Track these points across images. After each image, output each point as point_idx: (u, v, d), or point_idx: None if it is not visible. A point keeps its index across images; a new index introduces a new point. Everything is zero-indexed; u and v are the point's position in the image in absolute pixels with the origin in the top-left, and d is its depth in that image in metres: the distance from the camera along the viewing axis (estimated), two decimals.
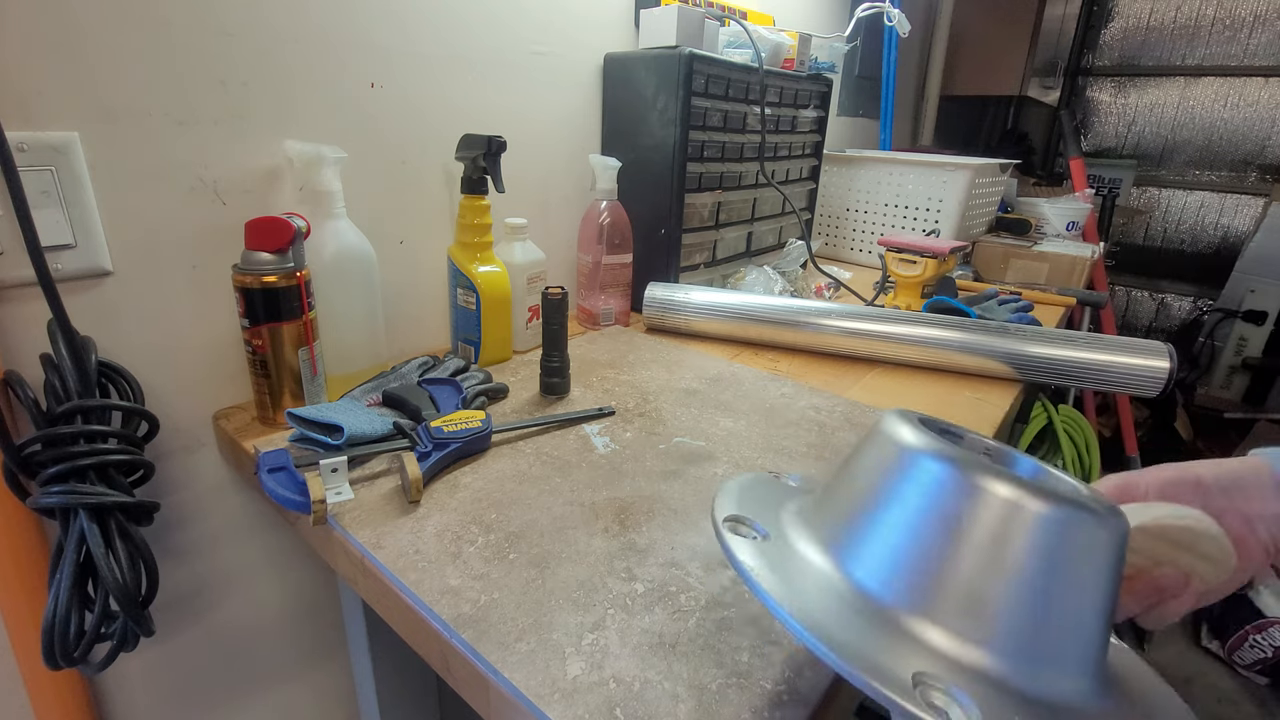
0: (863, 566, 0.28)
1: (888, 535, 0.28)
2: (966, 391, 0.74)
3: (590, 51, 0.88)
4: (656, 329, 0.89)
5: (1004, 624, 0.25)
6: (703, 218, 0.95)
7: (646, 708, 0.33)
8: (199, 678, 0.68)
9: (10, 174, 0.42)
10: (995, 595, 0.26)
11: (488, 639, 0.36)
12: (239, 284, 0.53)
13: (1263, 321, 2.36)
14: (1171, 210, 2.86)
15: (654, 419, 0.63)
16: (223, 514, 0.65)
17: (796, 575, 0.28)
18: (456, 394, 0.61)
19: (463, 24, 0.72)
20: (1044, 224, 1.54)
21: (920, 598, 0.26)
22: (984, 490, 0.26)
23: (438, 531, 0.45)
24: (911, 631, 0.26)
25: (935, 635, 0.26)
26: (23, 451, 0.45)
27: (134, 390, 0.53)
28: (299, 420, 0.52)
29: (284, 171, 0.61)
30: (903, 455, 0.29)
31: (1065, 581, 0.26)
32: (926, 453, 0.28)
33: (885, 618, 0.26)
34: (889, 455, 0.30)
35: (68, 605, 0.46)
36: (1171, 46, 2.70)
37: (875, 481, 0.30)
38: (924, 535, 0.27)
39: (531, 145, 0.84)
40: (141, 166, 0.53)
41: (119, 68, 0.50)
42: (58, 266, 0.50)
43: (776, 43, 0.98)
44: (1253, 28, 2.53)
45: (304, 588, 0.75)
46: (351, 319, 0.64)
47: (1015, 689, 0.24)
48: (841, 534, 0.29)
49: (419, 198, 0.74)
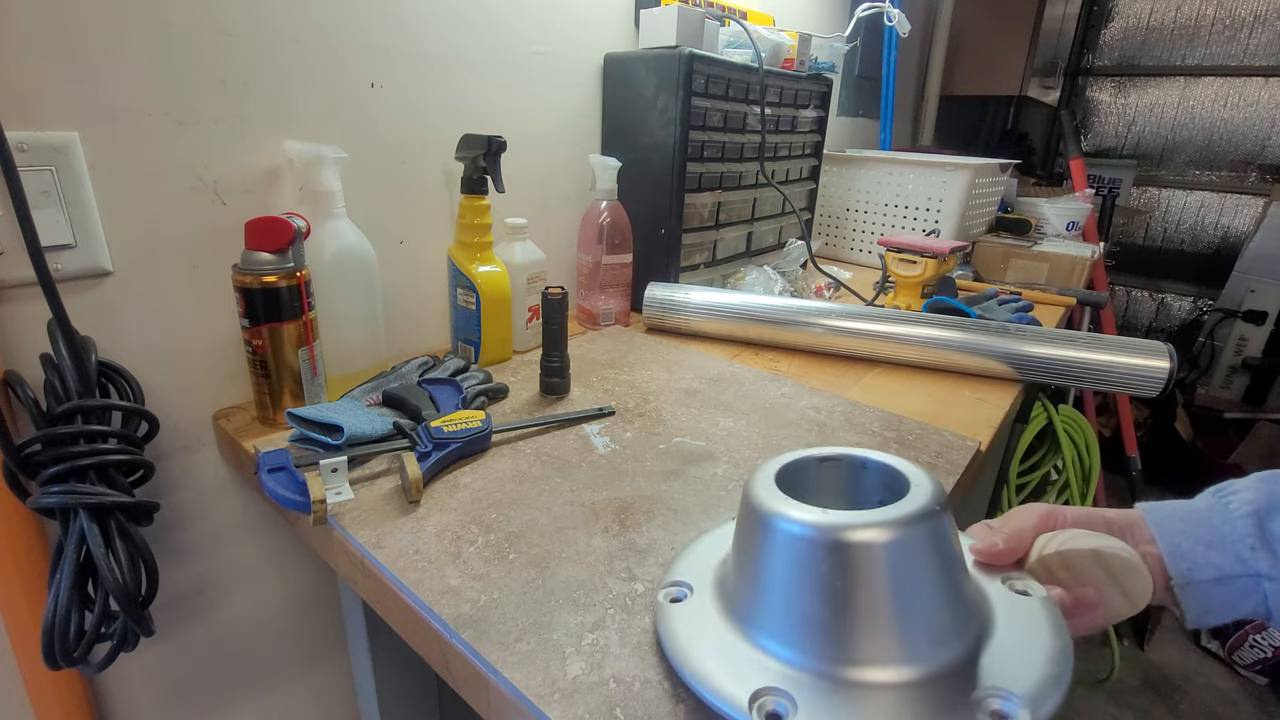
0: (738, 613, 0.35)
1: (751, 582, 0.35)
2: (966, 391, 0.74)
3: (590, 51, 0.88)
4: (656, 329, 0.89)
5: (823, 634, 0.31)
6: (703, 218, 0.95)
7: (646, 708, 0.33)
8: (199, 678, 0.68)
9: (10, 174, 0.42)
10: (815, 612, 0.32)
11: (488, 639, 0.36)
12: (239, 284, 0.53)
13: (1263, 321, 2.36)
14: (1171, 210, 2.86)
15: (654, 419, 0.63)
16: (223, 514, 0.65)
17: (694, 619, 0.36)
18: (456, 394, 0.61)
19: (463, 24, 0.72)
20: (1044, 224, 1.54)
21: (768, 626, 0.33)
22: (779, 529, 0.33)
23: (438, 531, 0.45)
24: (759, 653, 0.33)
25: (780, 653, 0.32)
26: (23, 451, 0.45)
27: (134, 390, 0.53)
28: (299, 420, 0.52)
29: (284, 171, 0.61)
30: (744, 504, 0.36)
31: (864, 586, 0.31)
32: (750, 496, 0.35)
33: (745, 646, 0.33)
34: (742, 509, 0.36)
35: (68, 605, 0.46)
36: (1171, 46, 2.70)
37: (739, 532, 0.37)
38: (771, 580, 0.33)
39: (531, 145, 0.84)
40: (141, 166, 0.53)
41: (119, 68, 0.50)
42: (58, 266, 0.50)
43: (776, 43, 0.98)
44: (1253, 28, 2.53)
45: (304, 588, 0.75)
46: (351, 319, 0.64)
47: (837, 680, 0.31)
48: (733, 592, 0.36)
49: (419, 198, 0.74)
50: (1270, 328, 2.35)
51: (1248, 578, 0.35)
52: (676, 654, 0.34)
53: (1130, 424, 1.86)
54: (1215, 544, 0.36)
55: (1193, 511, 0.37)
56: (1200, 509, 0.37)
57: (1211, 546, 0.36)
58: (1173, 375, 0.69)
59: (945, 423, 0.65)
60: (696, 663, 0.33)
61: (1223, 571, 0.35)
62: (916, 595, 0.31)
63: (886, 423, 0.64)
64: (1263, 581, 0.35)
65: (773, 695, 0.30)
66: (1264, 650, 1.55)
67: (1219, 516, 0.37)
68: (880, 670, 0.31)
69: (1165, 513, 0.38)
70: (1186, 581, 0.36)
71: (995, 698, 0.29)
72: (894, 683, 0.30)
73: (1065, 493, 1.63)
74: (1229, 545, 0.36)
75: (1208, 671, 1.62)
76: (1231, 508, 0.36)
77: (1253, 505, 0.36)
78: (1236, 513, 0.36)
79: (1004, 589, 0.36)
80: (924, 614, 0.31)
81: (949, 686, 0.30)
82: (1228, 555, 0.36)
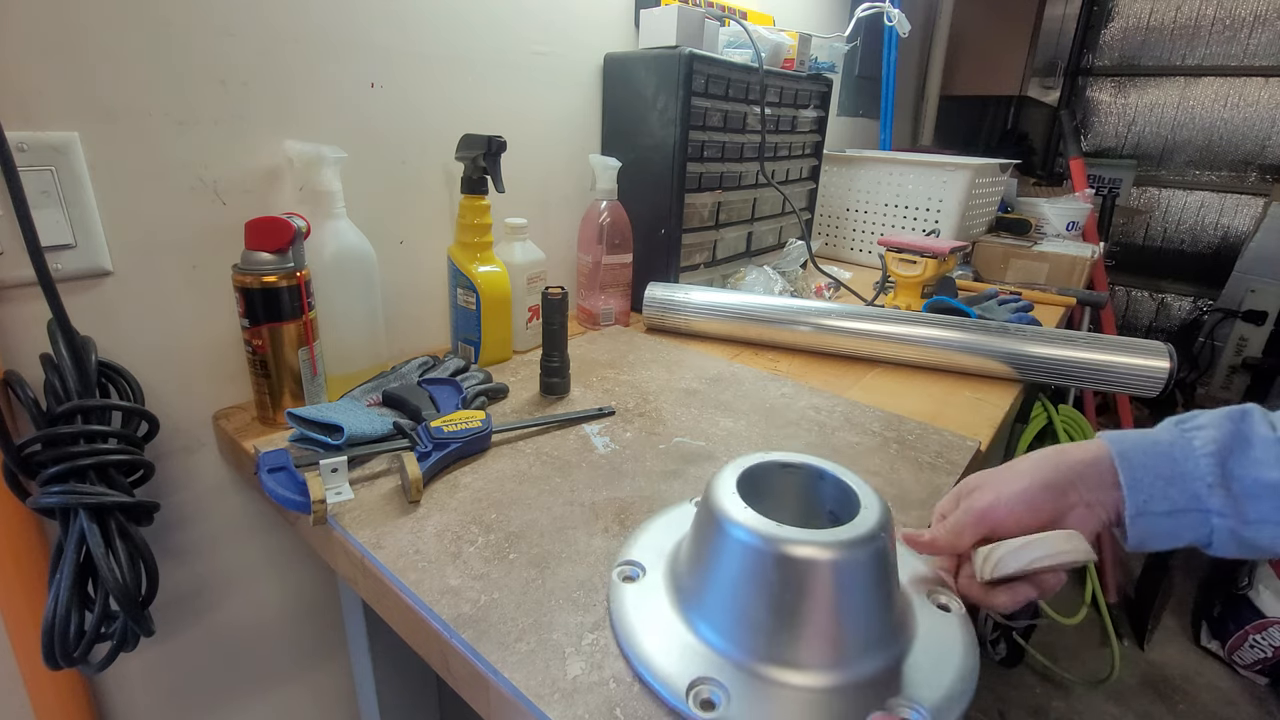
0: (686, 601, 0.37)
1: (702, 576, 0.37)
2: (966, 391, 0.74)
3: (590, 51, 0.88)
4: (656, 329, 0.89)
5: (762, 634, 0.34)
6: (703, 218, 0.95)
7: (646, 708, 0.33)
8: (199, 678, 0.68)
9: (10, 174, 0.42)
10: (757, 614, 0.34)
11: (488, 639, 0.36)
12: (239, 284, 0.53)
13: (1263, 321, 2.36)
14: (1171, 210, 2.86)
15: (654, 419, 0.63)
16: (223, 514, 0.65)
17: (644, 600, 0.39)
18: (456, 394, 0.61)
19: (463, 24, 0.72)
20: (1044, 224, 1.54)
21: (712, 619, 0.36)
22: (733, 536, 0.35)
23: (438, 531, 0.45)
24: (701, 643, 0.35)
25: (721, 646, 0.35)
26: (23, 451, 0.45)
27: (134, 390, 0.53)
28: (299, 420, 0.52)
29: (284, 171, 0.61)
30: (703, 504, 0.38)
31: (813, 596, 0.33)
32: (711, 499, 0.37)
33: (688, 634, 0.36)
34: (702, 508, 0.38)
35: (68, 605, 0.46)
36: (1171, 46, 2.70)
37: (696, 528, 0.39)
38: (720, 578, 0.36)
39: (531, 145, 0.84)
40: (141, 166, 0.53)
41: (119, 68, 0.50)
42: (58, 266, 0.50)
43: (776, 43, 0.98)
44: (1253, 28, 2.53)
45: (304, 588, 0.75)
46: (351, 319, 0.64)
47: (768, 679, 0.33)
48: (683, 581, 0.39)
49: (419, 198, 0.74)
50: (1270, 328, 2.35)
51: (1198, 512, 0.36)
52: (625, 634, 0.36)
53: (1130, 424, 1.86)
54: (1174, 479, 0.37)
55: (1156, 444, 0.38)
56: (1164, 442, 0.38)
57: (1170, 482, 0.37)
58: (1173, 375, 0.69)
59: (945, 423, 0.65)
60: (641, 645, 0.35)
61: (1176, 506, 0.37)
62: (851, 610, 0.34)
63: (886, 423, 0.64)
64: (1212, 517, 0.36)
65: (709, 685, 0.33)
66: (1264, 650, 1.55)
67: (1181, 451, 0.37)
68: (809, 674, 0.33)
69: (1129, 445, 0.39)
70: (1140, 513, 0.37)
71: (906, 707, 0.32)
72: (819, 686, 0.33)
73: None
74: (1187, 482, 0.37)
75: (1208, 671, 1.62)
76: (1195, 445, 0.37)
77: (1216, 444, 0.36)
78: (1200, 450, 0.37)
79: (928, 603, 0.39)
80: (855, 627, 0.34)
81: (868, 694, 0.33)
82: (1184, 492, 0.37)
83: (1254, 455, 0.36)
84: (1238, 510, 0.36)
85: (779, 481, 0.41)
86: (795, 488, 0.41)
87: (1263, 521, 0.36)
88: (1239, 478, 0.36)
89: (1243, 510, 0.36)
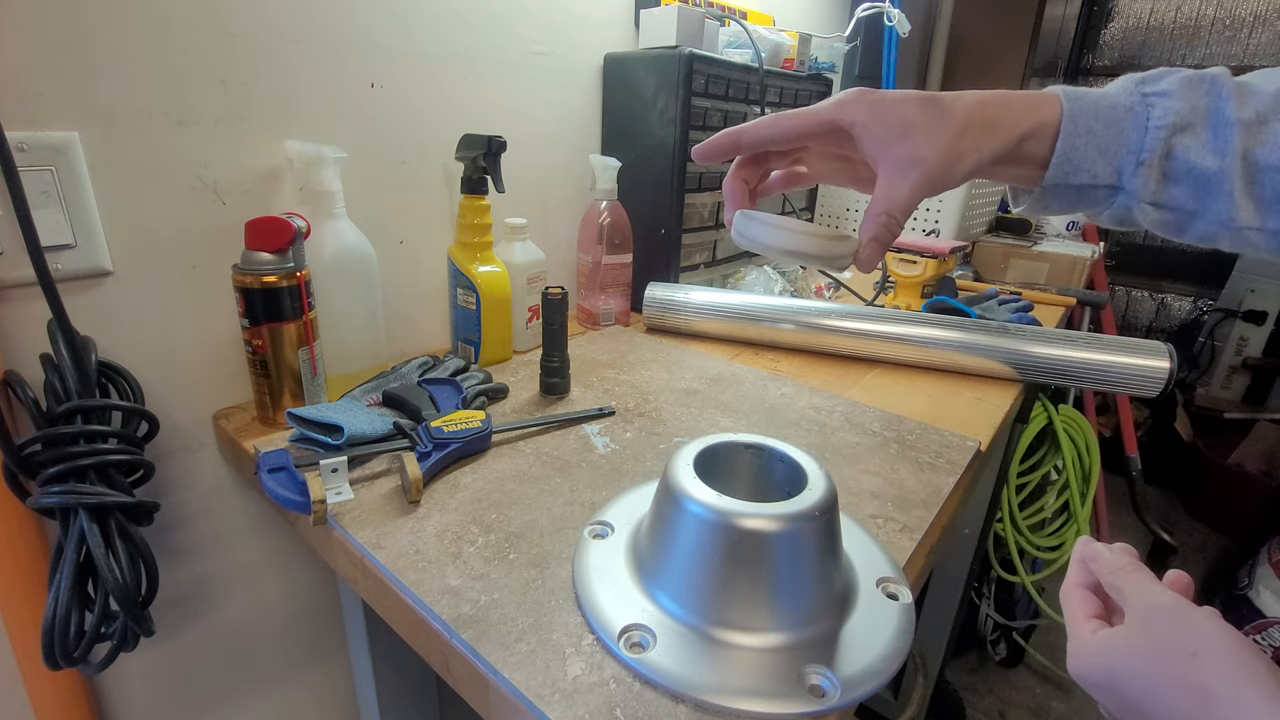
0: (641, 562, 0.41)
1: (656, 541, 0.40)
2: (966, 391, 0.74)
3: (590, 51, 0.88)
4: (656, 329, 0.89)
5: (702, 597, 0.37)
6: (703, 218, 0.95)
7: (646, 708, 0.33)
8: (199, 678, 0.68)
9: (10, 174, 0.42)
10: (699, 580, 0.37)
11: (488, 639, 0.36)
12: (239, 284, 0.53)
13: (1263, 321, 2.36)
14: None
15: (654, 419, 0.63)
16: (223, 514, 0.65)
17: (606, 556, 0.42)
18: (456, 394, 0.61)
19: (463, 24, 0.72)
20: (1044, 224, 1.54)
21: (661, 579, 0.39)
22: (685, 508, 0.37)
23: (438, 531, 0.45)
24: (646, 599, 0.39)
25: (662, 601, 0.38)
26: (23, 451, 0.45)
27: (134, 390, 0.53)
28: (299, 420, 0.52)
29: (284, 171, 0.61)
30: (663, 477, 0.40)
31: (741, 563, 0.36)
32: (669, 472, 0.40)
33: (637, 591, 0.39)
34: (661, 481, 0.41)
35: (68, 605, 0.46)
36: (1171, 46, 2.70)
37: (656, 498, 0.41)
38: (671, 545, 0.39)
39: (531, 145, 0.84)
40: (141, 166, 0.53)
41: (119, 68, 0.50)
42: (58, 266, 0.50)
43: (776, 43, 0.98)
44: (1253, 28, 2.53)
45: (304, 588, 0.75)
46: (351, 319, 0.64)
47: (703, 635, 0.36)
48: (641, 544, 0.42)
49: (419, 198, 0.74)
50: (1270, 328, 2.35)
51: (1109, 188, 0.35)
52: (580, 581, 0.40)
53: (1130, 424, 1.86)
54: (1108, 150, 0.35)
55: (1112, 110, 0.36)
56: (1120, 107, 0.36)
57: (1103, 153, 0.35)
58: (1173, 375, 0.69)
59: (945, 423, 0.65)
60: (591, 591, 0.39)
61: (1095, 180, 0.35)
62: (789, 580, 0.36)
63: (886, 423, 0.64)
64: (1119, 194, 0.35)
65: (640, 631, 0.36)
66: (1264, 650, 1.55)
67: (1132, 122, 0.35)
68: (740, 634, 0.36)
69: (1084, 106, 0.36)
70: (1055, 183, 0.36)
71: (821, 676, 0.34)
72: (747, 646, 0.36)
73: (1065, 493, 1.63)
74: (1120, 155, 0.35)
75: None
76: (1151, 117, 0.35)
77: (1174, 118, 0.34)
78: (1154, 123, 0.35)
79: (878, 590, 0.41)
80: (791, 597, 0.37)
81: (790, 658, 0.35)
82: (1109, 166, 0.35)
83: (1202, 137, 0.34)
84: (1153, 191, 0.34)
85: (741, 461, 0.44)
86: (753, 468, 0.44)
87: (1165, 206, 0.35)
88: (1177, 158, 0.34)
89: (1157, 191, 0.35)
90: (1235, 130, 0.34)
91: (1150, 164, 0.35)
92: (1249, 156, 0.34)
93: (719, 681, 0.34)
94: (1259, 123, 0.34)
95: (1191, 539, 2.12)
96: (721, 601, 0.36)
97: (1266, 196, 0.34)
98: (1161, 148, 0.34)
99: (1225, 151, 0.34)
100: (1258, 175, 0.34)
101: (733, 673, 0.34)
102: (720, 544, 0.36)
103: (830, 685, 0.34)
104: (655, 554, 0.40)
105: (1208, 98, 0.34)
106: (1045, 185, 0.36)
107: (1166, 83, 0.35)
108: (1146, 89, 0.36)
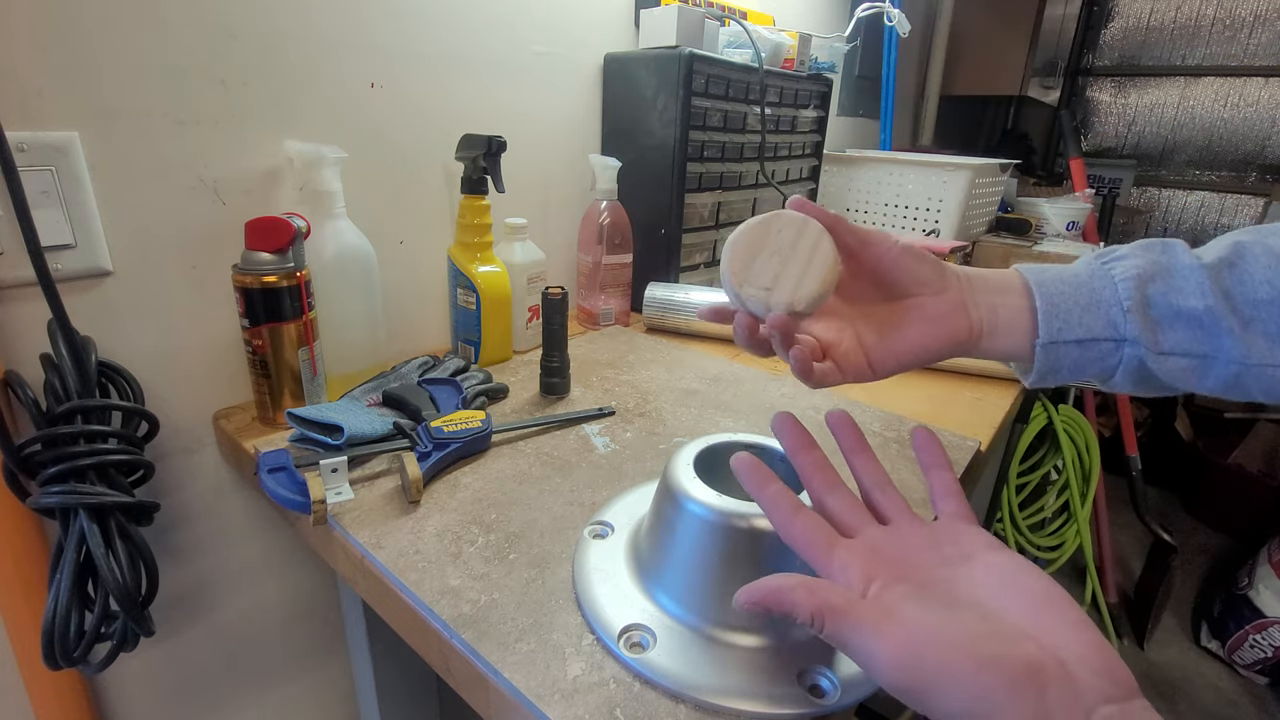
0: (641, 561, 0.41)
1: (656, 541, 0.40)
2: (966, 391, 0.74)
3: (590, 51, 0.88)
4: (656, 329, 0.89)
5: (702, 597, 0.37)
6: (703, 218, 0.95)
7: (646, 708, 0.33)
8: (199, 678, 0.68)
9: (10, 174, 0.42)
10: (698, 579, 0.37)
11: (488, 639, 0.36)
12: (239, 284, 0.53)
13: None
14: (1171, 210, 2.86)
15: (654, 419, 0.63)
16: (223, 514, 0.65)
17: (606, 555, 0.42)
18: (456, 394, 0.61)
19: (463, 24, 0.72)
20: (1044, 224, 1.54)
21: (660, 579, 0.39)
22: (684, 508, 0.37)
23: (438, 532, 0.45)
24: (646, 599, 0.39)
25: (662, 601, 0.38)
26: (23, 451, 0.45)
27: (134, 390, 0.53)
28: (299, 420, 0.52)
29: (284, 171, 0.61)
30: (663, 477, 0.41)
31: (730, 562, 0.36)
32: (669, 472, 0.40)
33: (636, 590, 0.39)
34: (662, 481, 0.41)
35: (68, 605, 0.46)
36: (1171, 46, 2.70)
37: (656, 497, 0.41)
38: (671, 545, 0.39)
39: (531, 145, 0.84)
40: (141, 166, 0.53)
41: (119, 67, 0.50)
42: (58, 266, 0.50)
43: (776, 43, 0.98)
44: (1253, 28, 2.53)
45: (304, 588, 0.75)
46: (351, 319, 0.64)
47: (702, 634, 0.36)
48: (642, 543, 0.42)
49: (419, 198, 0.74)
50: None
51: (1111, 341, 0.36)
52: (580, 581, 0.40)
53: (1130, 424, 1.86)
54: (1091, 306, 0.36)
55: (1075, 275, 0.37)
56: (1082, 274, 0.37)
57: (1087, 309, 0.36)
58: None
59: (945, 423, 0.65)
60: (591, 591, 0.39)
61: (1091, 334, 0.36)
62: None
63: (887, 423, 0.64)
64: (1124, 346, 0.35)
65: (640, 631, 0.37)
66: (1264, 650, 1.55)
67: (1100, 281, 0.36)
68: (740, 635, 0.36)
69: (1047, 276, 0.37)
70: (1053, 340, 0.36)
71: (821, 676, 0.35)
72: (747, 646, 0.36)
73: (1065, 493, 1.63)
74: (1105, 308, 0.36)
75: (1208, 671, 1.62)
76: (1115, 273, 0.36)
77: (1137, 270, 0.35)
78: (1119, 277, 0.36)
79: None
80: None
81: (790, 658, 0.35)
82: (1101, 318, 0.36)
83: (1174, 283, 0.35)
84: (1153, 338, 0.35)
85: None
86: None
87: (1174, 353, 0.35)
88: (1157, 304, 0.35)
89: (1157, 338, 0.35)
90: (1204, 273, 0.34)
91: (1135, 310, 0.35)
92: (1232, 297, 0.34)
93: (719, 682, 0.34)
94: (1226, 266, 0.34)
95: (1191, 539, 2.12)
96: (722, 601, 0.36)
97: (1273, 333, 0.34)
98: (1137, 295, 0.35)
99: (1204, 292, 0.34)
100: (1251, 313, 0.34)
101: (733, 673, 0.34)
102: (720, 544, 0.36)
103: (830, 685, 0.34)
104: (655, 554, 0.40)
105: (1164, 255, 0.36)
106: (1041, 344, 0.36)
107: (1120, 250, 0.37)
108: (1104, 259, 0.37)
